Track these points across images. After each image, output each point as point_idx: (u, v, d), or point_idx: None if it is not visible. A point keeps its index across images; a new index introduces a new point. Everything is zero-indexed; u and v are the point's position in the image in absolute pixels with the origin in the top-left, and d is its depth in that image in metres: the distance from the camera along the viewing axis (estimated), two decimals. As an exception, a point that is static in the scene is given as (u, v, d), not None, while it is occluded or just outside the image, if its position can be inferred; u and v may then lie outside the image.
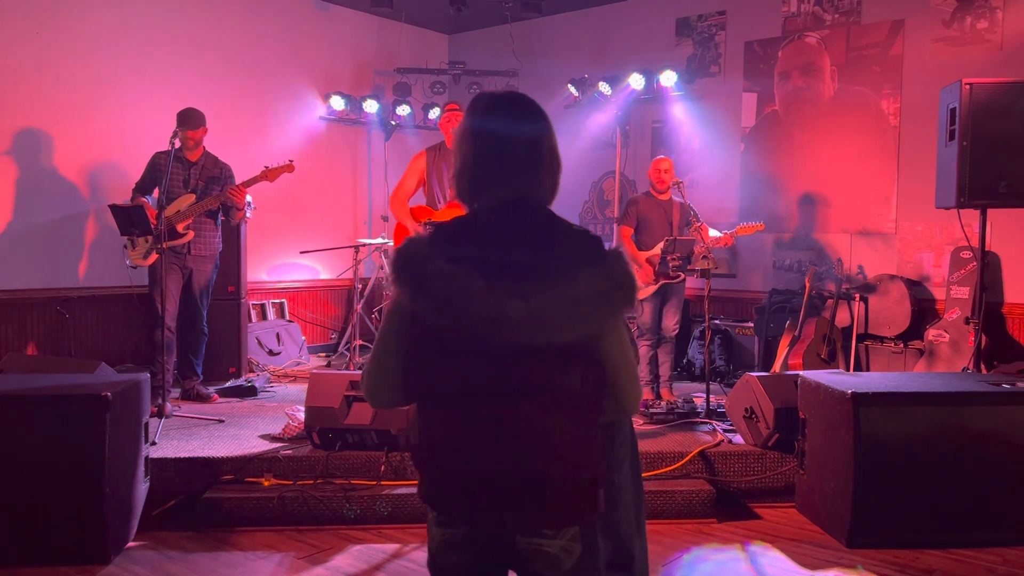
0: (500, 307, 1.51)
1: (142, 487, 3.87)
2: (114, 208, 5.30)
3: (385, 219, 7.84)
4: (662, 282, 5.53)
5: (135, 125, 6.37)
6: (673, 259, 5.30)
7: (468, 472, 1.59)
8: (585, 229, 1.66)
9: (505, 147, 1.64)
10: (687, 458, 4.38)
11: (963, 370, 4.97)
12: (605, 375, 1.63)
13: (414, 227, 4.93)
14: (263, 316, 7.47)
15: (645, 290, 5.56)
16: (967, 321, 5.37)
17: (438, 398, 1.61)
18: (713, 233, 5.43)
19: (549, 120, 1.68)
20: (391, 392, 1.68)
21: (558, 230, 1.63)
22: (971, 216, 4.82)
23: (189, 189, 5.41)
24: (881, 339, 6.11)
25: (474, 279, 1.52)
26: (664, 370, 5.68)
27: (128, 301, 6.31)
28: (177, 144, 5.11)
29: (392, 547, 3.74)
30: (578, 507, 1.61)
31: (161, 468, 4.07)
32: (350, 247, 6.97)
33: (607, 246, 1.63)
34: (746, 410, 4.57)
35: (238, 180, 5.44)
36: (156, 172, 5.40)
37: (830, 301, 6.04)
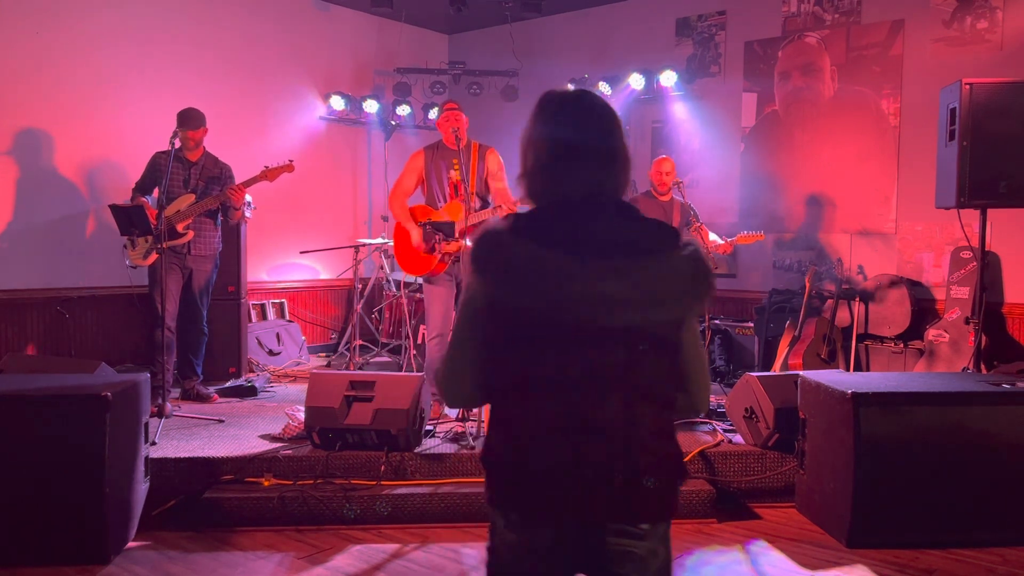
0: (596, 285, 1.48)
1: (142, 487, 3.86)
2: (114, 208, 5.30)
3: (385, 219, 7.84)
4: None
5: (135, 125, 6.37)
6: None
7: (561, 466, 1.53)
8: (661, 221, 1.65)
9: (580, 144, 1.62)
10: (687, 458, 4.36)
11: (963, 370, 4.97)
12: (683, 368, 1.63)
13: (413, 227, 4.93)
14: (263, 316, 7.47)
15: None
16: (967, 321, 5.37)
17: (525, 388, 1.56)
18: (713, 238, 5.42)
19: (616, 117, 1.68)
20: (471, 388, 1.64)
21: (637, 216, 1.62)
22: (971, 216, 4.82)
23: (189, 189, 5.41)
24: (881, 339, 6.11)
25: (566, 258, 1.49)
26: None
27: (128, 301, 6.31)
28: (177, 144, 5.11)
29: (392, 547, 3.74)
30: (667, 502, 1.59)
31: (161, 468, 4.07)
32: (350, 247, 6.97)
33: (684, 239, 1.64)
34: (746, 410, 4.57)
35: (238, 180, 5.44)
36: (156, 172, 5.40)
37: (830, 301, 6.04)
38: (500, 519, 1.60)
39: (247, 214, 6.17)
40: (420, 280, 5.27)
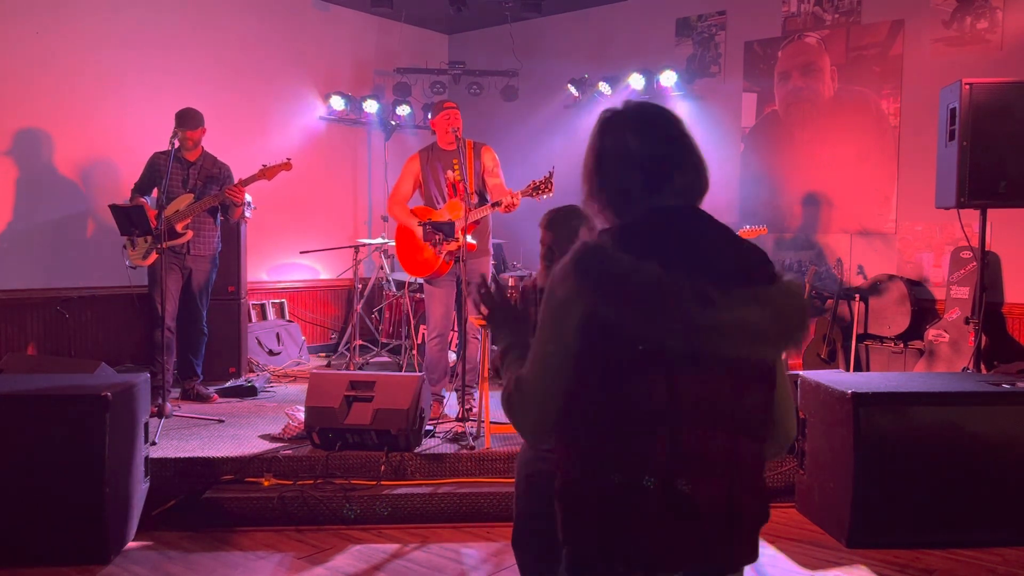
0: (738, 315, 1.39)
1: (142, 487, 3.86)
2: (114, 208, 5.30)
3: (385, 219, 7.83)
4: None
5: (135, 125, 6.37)
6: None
7: (689, 509, 1.40)
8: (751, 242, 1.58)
9: (674, 154, 1.57)
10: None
11: (963, 370, 4.97)
12: (776, 407, 1.54)
13: (416, 226, 4.93)
14: (263, 316, 7.47)
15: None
16: (967, 321, 5.37)
17: (638, 423, 1.41)
18: None
19: (682, 123, 1.63)
20: (550, 420, 1.49)
21: (733, 236, 1.54)
22: (971, 216, 4.82)
23: (188, 189, 5.41)
24: (881, 339, 6.11)
25: (706, 287, 1.39)
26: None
27: (128, 301, 6.31)
28: (176, 144, 5.11)
29: (392, 547, 3.74)
30: (754, 540, 1.51)
31: (161, 468, 4.07)
32: (350, 247, 6.97)
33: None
34: (746, 410, 4.57)
35: (237, 179, 5.44)
36: (155, 172, 5.40)
37: (830, 301, 6.04)
38: (599, 569, 1.44)
39: (247, 214, 6.17)
40: (421, 280, 5.27)
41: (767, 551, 3.78)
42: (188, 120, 5.34)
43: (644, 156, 1.54)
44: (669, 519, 1.40)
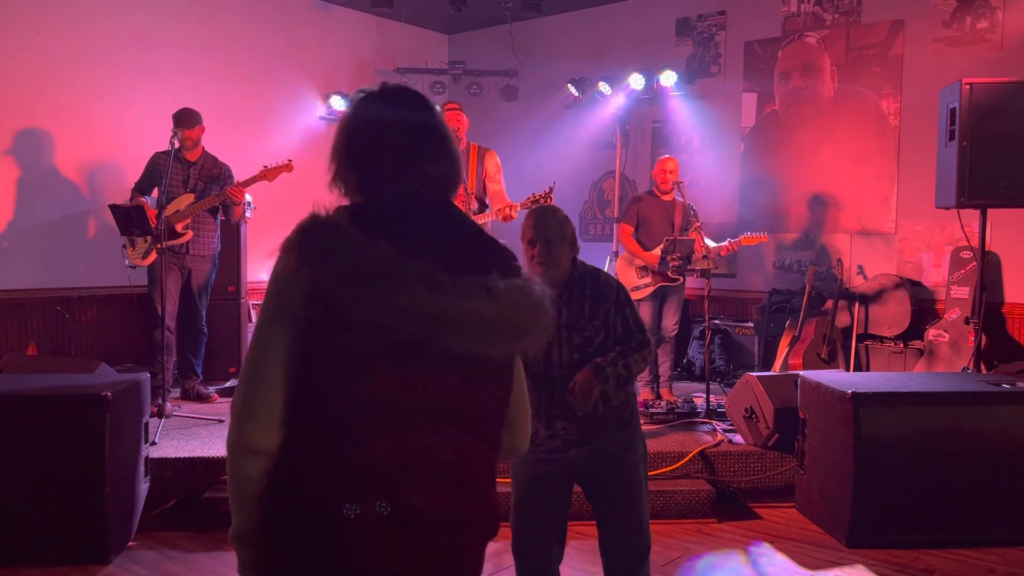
0: (467, 305, 1.29)
1: (142, 487, 3.86)
2: (114, 208, 5.30)
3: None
4: (660, 283, 5.52)
5: (135, 125, 6.37)
6: (673, 259, 5.29)
7: (413, 515, 1.30)
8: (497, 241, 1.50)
9: (417, 140, 1.44)
10: (687, 458, 4.38)
11: (963, 370, 4.97)
12: (512, 406, 1.45)
13: None
14: (263, 316, 7.46)
15: (644, 290, 5.55)
16: (967, 321, 5.37)
17: (360, 419, 1.29)
18: (709, 243, 5.40)
19: (436, 110, 1.50)
20: (274, 425, 1.31)
21: (478, 230, 1.45)
22: (971, 216, 4.82)
23: (188, 189, 5.41)
24: (881, 339, 6.11)
25: (431, 267, 1.27)
26: (664, 370, 5.68)
27: (128, 301, 6.31)
28: (176, 144, 5.11)
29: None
30: (481, 554, 1.43)
31: (161, 468, 4.07)
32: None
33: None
34: (746, 410, 4.57)
35: (237, 180, 5.44)
36: (155, 172, 5.40)
37: (830, 301, 6.04)
38: None
39: (247, 214, 6.17)
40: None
41: (767, 551, 3.78)
42: (185, 120, 5.34)
43: (396, 140, 1.43)
44: (393, 531, 1.29)
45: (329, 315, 1.27)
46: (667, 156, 5.82)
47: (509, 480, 2.70)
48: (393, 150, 1.42)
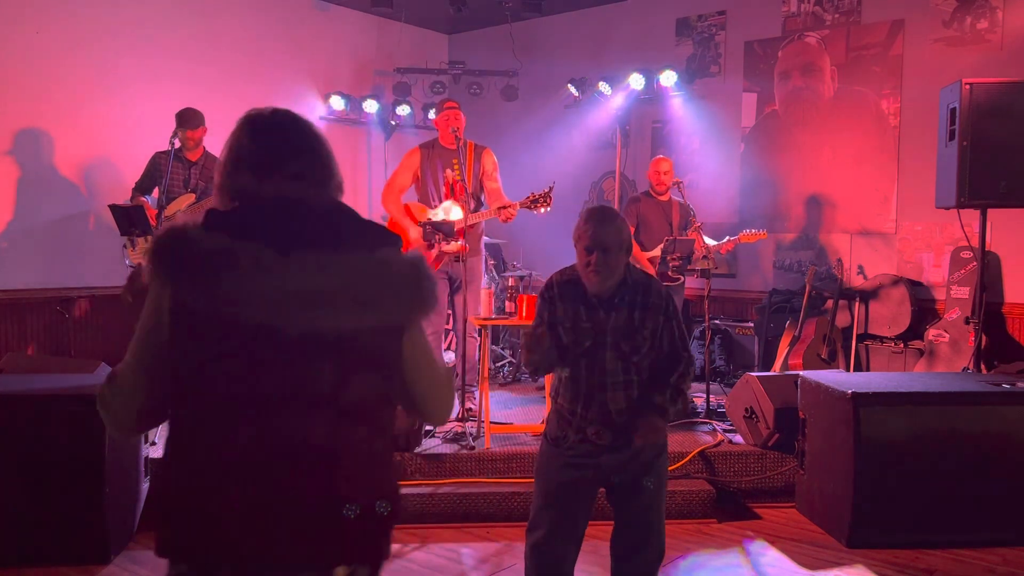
0: (299, 280, 1.34)
1: (142, 487, 3.86)
2: (114, 208, 5.30)
3: (385, 219, 7.84)
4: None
5: (135, 125, 6.36)
6: (673, 259, 5.30)
7: (249, 503, 1.33)
8: (376, 223, 1.57)
9: (276, 136, 1.54)
10: (687, 458, 4.38)
11: (963, 370, 4.97)
12: (410, 388, 1.48)
13: (411, 226, 4.93)
14: (263, 316, 7.45)
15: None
16: (967, 321, 5.37)
17: (210, 411, 1.35)
18: (709, 242, 5.40)
19: (311, 124, 1.61)
20: (141, 414, 1.44)
21: (350, 213, 1.54)
22: (971, 216, 4.82)
23: (189, 189, 5.41)
24: (881, 339, 6.11)
25: (264, 250, 1.34)
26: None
27: (128, 301, 6.30)
28: (177, 144, 5.11)
29: (392, 547, 3.74)
30: (371, 541, 1.44)
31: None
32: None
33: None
34: (746, 410, 4.57)
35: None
36: (156, 172, 5.40)
37: (830, 301, 6.04)
38: (175, 569, 1.37)
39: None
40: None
41: (767, 551, 3.79)
42: (189, 120, 5.34)
43: (251, 155, 1.53)
44: (248, 515, 1.33)
45: (185, 313, 1.35)
46: (661, 157, 5.83)
47: (532, 480, 2.71)
48: (248, 164, 1.52)
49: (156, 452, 4.12)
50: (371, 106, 7.80)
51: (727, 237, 5.60)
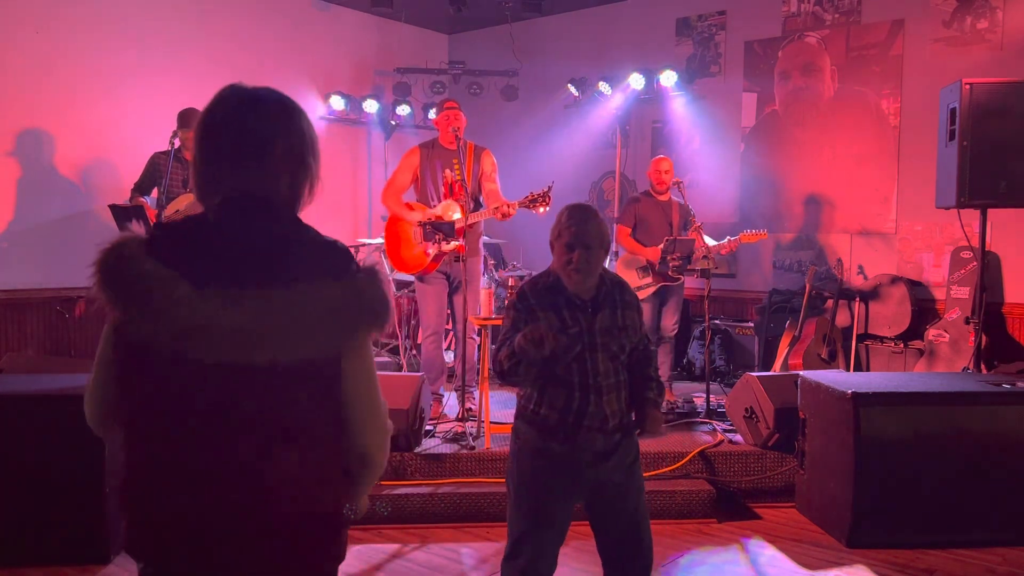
0: (209, 316, 1.34)
1: (142, 487, 3.86)
2: (114, 208, 5.30)
3: (385, 219, 7.83)
4: (660, 283, 5.52)
5: (135, 125, 6.36)
6: (673, 259, 5.29)
7: (187, 515, 1.38)
8: (335, 241, 1.52)
9: (230, 139, 1.47)
10: (687, 458, 4.38)
11: (963, 370, 4.97)
12: (345, 411, 1.46)
13: (411, 218, 4.92)
14: (263, 316, 7.45)
15: (645, 290, 5.55)
16: (967, 321, 5.37)
17: (148, 426, 1.40)
18: (708, 242, 5.40)
19: (294, 116, 1.53)
20: (99, 415, 1.52)
21: (297, 237, 1.49)
22: (971, 216, 4.82)
23: (188, 189, 5.41)
24: (881, 339, 6.11)
25: (180, 283, 1.35)
26: (663, 370, 5.67)
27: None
28: (177, 144, 5.11)
29: (392, 547, 3.74)
30: (315, 553, 1.46)
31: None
32: (350, 247, 6.95)
33: (361, 263, 1.50)
34: (746, 410, 4.57)
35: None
36: (155, 172, 5.40)
37: (830, 301, 6.04)
38: (137, 565, 1.46)
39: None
40: (413, 279, 5.27)
41: (767, 551, 3.79)
42: (191, 120, 5.32)
43: (229, 138, 1.48)
44: (198, 532, 1.38)
45: (118, 335, 1.40)
46: (661, 156, 5.83)
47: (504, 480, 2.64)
48: (225, 156, 1.47)
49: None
50: (371, 106, 7.80)
51: (727, 238, 5.59)
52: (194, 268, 1.37)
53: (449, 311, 5.13)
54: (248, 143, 1.47)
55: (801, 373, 4.41)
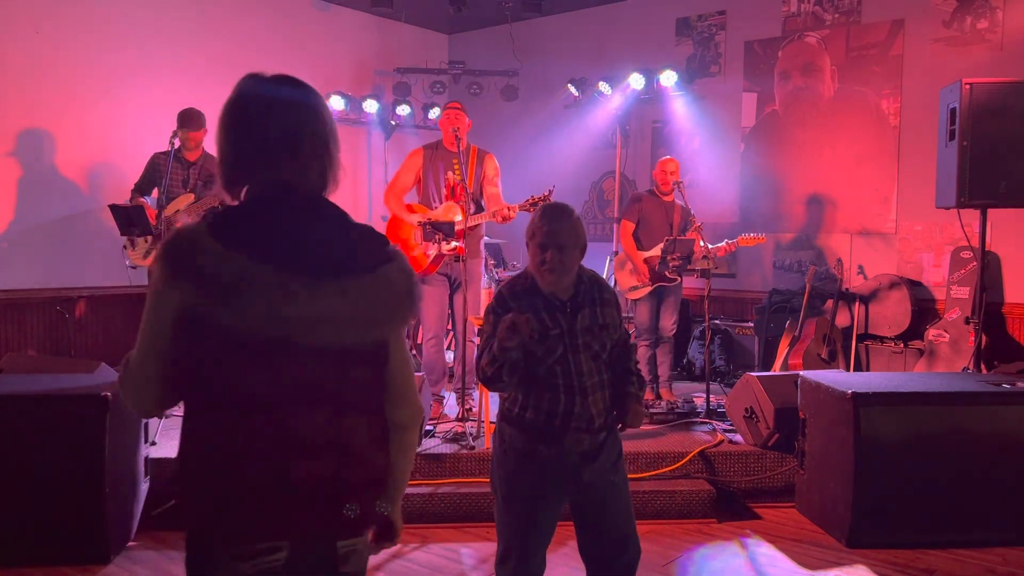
0: (321, 307, 1.45)
1: (142, 487, 3.87)
2: (114, 208, 5.30)
3: (385, 219, 7.83)
4: (658, 283, 5.51)
5: (135, 125, 6.37)
6: (673, 259, 5.29)
7: (292, 484, 1.47)
8: (371, 227, 1.62)
9: (260, 131, 1.54)
10: (687, 458, 4.38)
11: (963, 370, 4.97)
12: (394, 382, 1.62)
13: (411, 220, 4.92)
14: (263, 316, 7.45)
15: (642, 290, 5.55)
16: (967, 321, 5.37)
17: (240, 408, 1.46)
18: (709, 244, 5.40)
19: (319, 105, 1.60)
20: (152, 403, 1.55)
21: (352, 226, 1.58)
22: (971, 216, 4.82)
23: (188, 189, 5.41)
24: (881, 339, 6.11)
25: (289, 278, 1.43)
26: (663, 370, 5.68)
27: (128, 301, 6.31)
28: (177, 144, 5.11)
29: (392, 547, 3.74)
30: (374, 512, 1.62)
31: (161, 468, 4.07)
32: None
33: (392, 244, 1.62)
34: (746, 410, 4.57)
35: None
36: (155, 172, 5.40)
37: (830, 301, 6.04)
38: (212, 553, 1.48)
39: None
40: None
41: (767, 551, 3.79)
42: (192, 121, 5.34)
43: (261, 130, 1.54)
44: (272, 496, 1.46)
45: (197, 321, 1.42)
46: (668, 157, 5.82)
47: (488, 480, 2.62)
48: (258, 148, 1.53)
49: (156, 452, 4.12)
50: (371, 106, 7.80)
51: (726, 240, 5.60)
52: (295, 262, 1.45)
53: (450, 311, 5.13)
54: (280, 135, 1.53)
55: (801, 373, 4.41)
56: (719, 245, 5.51)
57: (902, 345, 5.99)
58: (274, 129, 1.54)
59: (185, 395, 1.51)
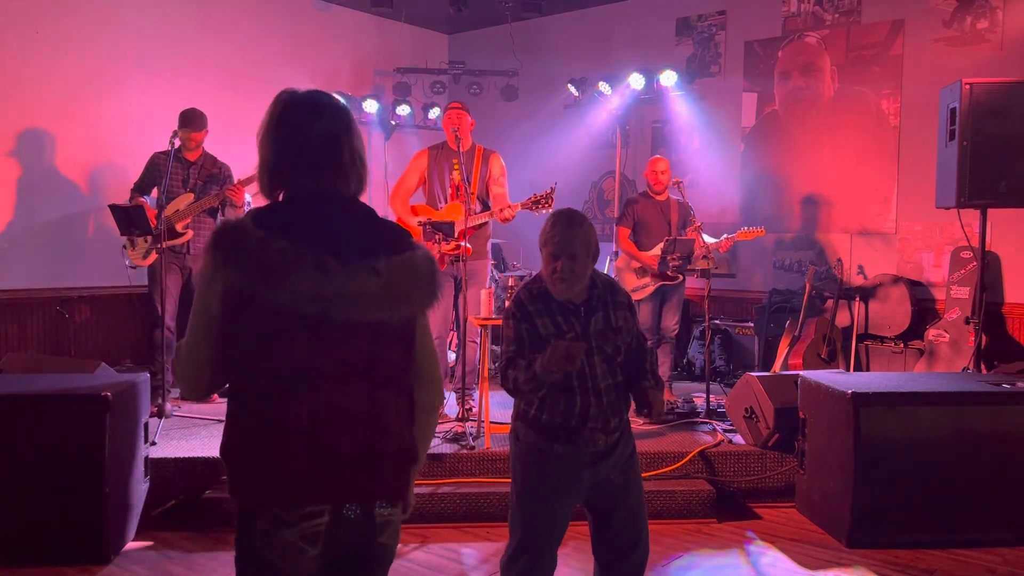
0: (355, 284, 1.58)
1: (142, 487, 3.87)
2: (114, 208, 5.30)
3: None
4: (660, 283, 5.52)
5: (135, 125, 6.37)
6: (673, 259, 5.30)
7: (332, 452, 1.60)
8: (387, 220, 1.78)
9: (302, 142, 1.68)
10: (687, 458, 4.38)
11: (963, 370, 4.97)
12: (419, 362, 1.75)
13: (411, 222, 4.93)
14: (263, 316, 7.45)
15: (644, 290, 5.55)
16: (967, 321, 5.37)
17: (283, 382, 1.59)
18: (709, 239, 5.40)
19: (351, 119, 1.75)
20: (210, 382, 1.67)
21: (375, 216, 1.74)
22: (971, 216, 4.82)
23: (188, 188, 5.41)
24: (881, 339, 6.11)
25: (326, 258, 1.57)
26: (664, 370, 5.68)
27: (128, 301, 6.31)
28: (177, 144, 5.11)
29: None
30: (403, 477, 1.75)
31: (161, 468, 4.07)
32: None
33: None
34: (746, 410, 4.57)
35: (237, 179, 5.44)
36: (155, 172, 5.40)
37: (830, 301, 6.04)
38: (259, 521, 1.60)
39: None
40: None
41: (767, 551, 3.79)
42: (193, 121, 5.34)
43: (300, 144, 1.69)
44: (314, 464, 1.59)
45: (244, 302, 1.57)
46: (657, 157, 5.84)
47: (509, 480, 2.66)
48: (295, 158, 1.69)
49: (156, 452, 4.12)
50: (371, 106, 7.80)
51: (725, 235, 5.60)
52: (330, 244, 1.60)
53: (455, 313, 5.14)
54: (322, 147, 1.69)
55: (801, 373, 4.41)
56: (719, 240, 5.52)
57: (902, 345, 5.99)
58: (316, 136, 1.69)
59: (232, 374, 1.63)
